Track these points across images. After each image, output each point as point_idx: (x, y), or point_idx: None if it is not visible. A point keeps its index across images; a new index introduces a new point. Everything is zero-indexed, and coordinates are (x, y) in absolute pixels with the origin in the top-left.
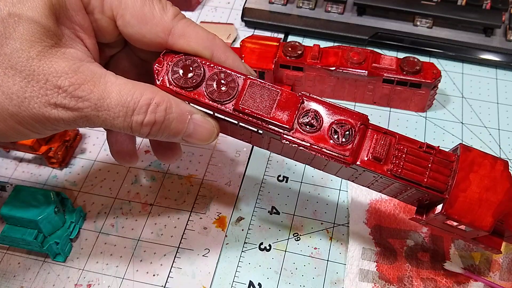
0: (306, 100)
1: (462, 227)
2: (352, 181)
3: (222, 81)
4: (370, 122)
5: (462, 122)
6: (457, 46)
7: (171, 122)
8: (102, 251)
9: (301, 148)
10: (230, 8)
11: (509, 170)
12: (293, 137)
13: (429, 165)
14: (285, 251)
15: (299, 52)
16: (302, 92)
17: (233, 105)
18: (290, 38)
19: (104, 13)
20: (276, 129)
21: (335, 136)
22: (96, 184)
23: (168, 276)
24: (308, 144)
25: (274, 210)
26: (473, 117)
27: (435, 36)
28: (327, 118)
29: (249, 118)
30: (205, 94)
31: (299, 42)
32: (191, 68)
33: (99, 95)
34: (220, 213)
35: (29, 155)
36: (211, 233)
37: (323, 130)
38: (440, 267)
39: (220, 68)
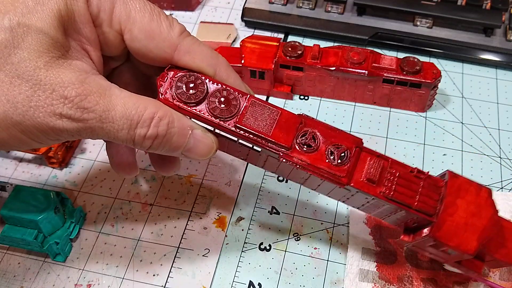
0: (305, 121)
1: (447, 250)
2: (343, 202)
3: (225, 99)
4: (364, 145)
5: (462, 122)
6: (457, 46)
7: (172, 136)
8: (102, 251)
9: (298, 167)
10: (230, 8)
11: (492, 198)
12: (291, 156)
13: (419, 189)
14: (285, 251)
15: (299, 52)
16: (302, 113)
17: (234, 122)
18: (290, 38)
19: (112, 27)
20: (275, 147)
21: (331, 157)
22: (96, 184)
23: (168, 276)
24: (305, 164)
25: (274, 210)
26: (473, 117)
27: (435, 36)
28: (324, 139)
29: (250, 135)
30: (207, 110)
31: (299, 42)
32: (194, 85)
33: (105, 107)
34: (220, 213)
35: (29, 155)
36: (211, 233)
37: (320, 150)
38: (440, 267)
39: (223, 86)
